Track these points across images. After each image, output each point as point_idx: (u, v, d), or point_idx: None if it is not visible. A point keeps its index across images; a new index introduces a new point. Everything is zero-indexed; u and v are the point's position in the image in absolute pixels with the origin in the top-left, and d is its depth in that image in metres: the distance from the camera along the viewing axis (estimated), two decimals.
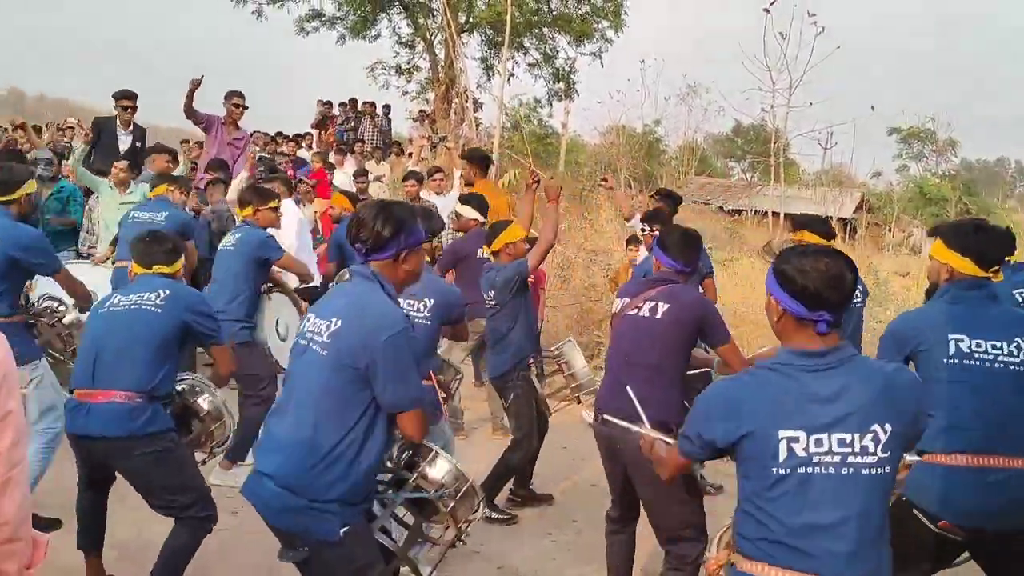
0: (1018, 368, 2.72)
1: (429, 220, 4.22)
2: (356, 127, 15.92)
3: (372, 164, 12.85)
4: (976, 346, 2.75)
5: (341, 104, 16.61)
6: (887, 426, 1.94)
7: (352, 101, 16.58)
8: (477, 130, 15.77)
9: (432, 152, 13.58)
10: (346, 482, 2.33)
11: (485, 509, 4.00)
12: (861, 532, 1.94)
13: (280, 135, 13.91)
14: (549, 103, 20.85)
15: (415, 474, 2.73)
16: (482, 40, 20.17)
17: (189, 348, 3.69)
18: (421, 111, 17.18)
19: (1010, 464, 2.68)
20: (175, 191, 5.93)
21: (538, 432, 4.75)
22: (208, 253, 6.20)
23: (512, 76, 19.41)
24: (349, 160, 13.13)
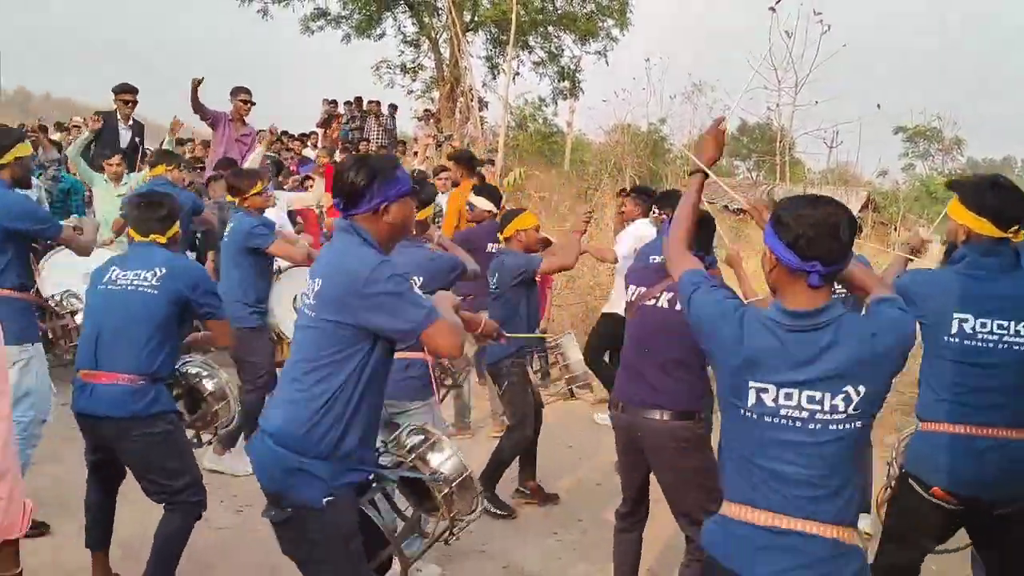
0: (1022, 349, 2.67)
1: (421, 187, 4.21)
2: (361, 126, 15.86)
3: None
4: (981, 326, 2.68)
5: (346, 103, 16.55)
6: (860, 388, 1.95)
7: (357, 100, 16.53)
8: (482, 129, 15.75)
9: (437, 151, 13.55)
10: (335, 433, 2.32)
11: (484, 503, 3.99)
12: (826, 482, 1.97)
13: (286, 134, 13.91)
14: (554, 102, 20.87)
15: (413, 454, 2.70)
16: (487, 39, 20.22)
17: (189, 324, 3.67)
18: (426, 110, 17.18)
19: (1007, 434, 2.65)
20: (174, 170, 6.28)
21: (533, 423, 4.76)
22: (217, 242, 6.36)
23: (517, 75, 19.47)
24: None
